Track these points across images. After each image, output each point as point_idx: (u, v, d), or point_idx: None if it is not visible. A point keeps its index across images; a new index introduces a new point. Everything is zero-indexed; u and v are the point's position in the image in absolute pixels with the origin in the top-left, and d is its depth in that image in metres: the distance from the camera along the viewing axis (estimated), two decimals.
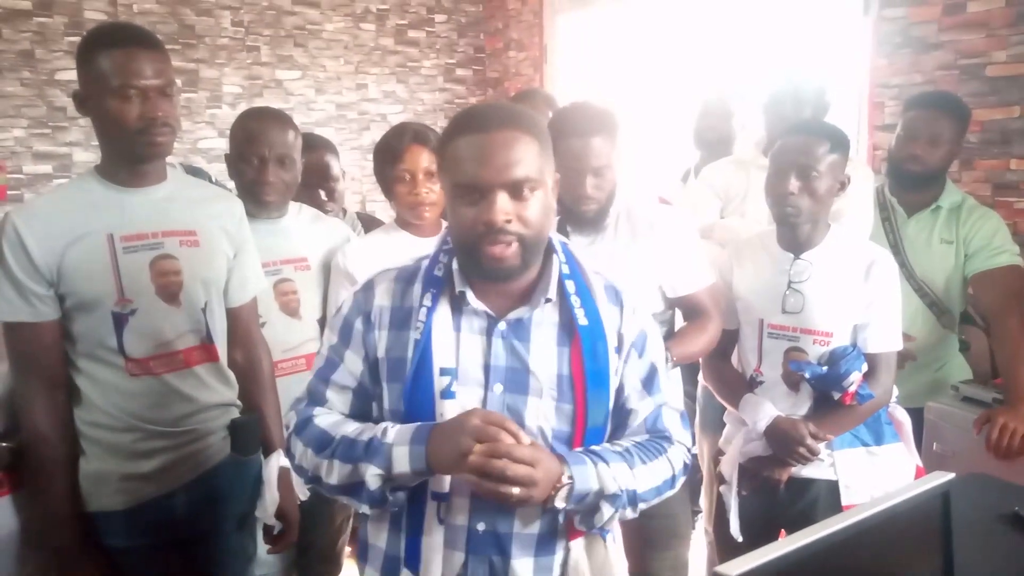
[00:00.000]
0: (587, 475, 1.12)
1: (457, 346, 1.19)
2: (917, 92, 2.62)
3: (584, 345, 1.19)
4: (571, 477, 1.11)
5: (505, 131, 1.13)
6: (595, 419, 1.20)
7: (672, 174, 3.20)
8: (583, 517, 1.16)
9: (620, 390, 1.25)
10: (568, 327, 1.20)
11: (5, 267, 1.44)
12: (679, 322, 1.97)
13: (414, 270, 1.25)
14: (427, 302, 1.19)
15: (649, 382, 1.27)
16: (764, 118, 2.37)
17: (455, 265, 1.20)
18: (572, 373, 1.19)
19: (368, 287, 1.26)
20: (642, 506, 1.19)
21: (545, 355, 1.19)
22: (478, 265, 1.15)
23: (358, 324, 1.23)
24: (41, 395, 1.50)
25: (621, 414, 1.26)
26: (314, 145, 2.32)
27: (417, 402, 1.17)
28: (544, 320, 1.21)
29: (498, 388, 1.18)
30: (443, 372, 1.18)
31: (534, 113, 1.29)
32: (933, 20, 2.78)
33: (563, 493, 1.11)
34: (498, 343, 1.19)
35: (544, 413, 1.18)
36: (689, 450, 1.28)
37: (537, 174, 1.14)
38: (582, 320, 1.19)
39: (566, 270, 1.21)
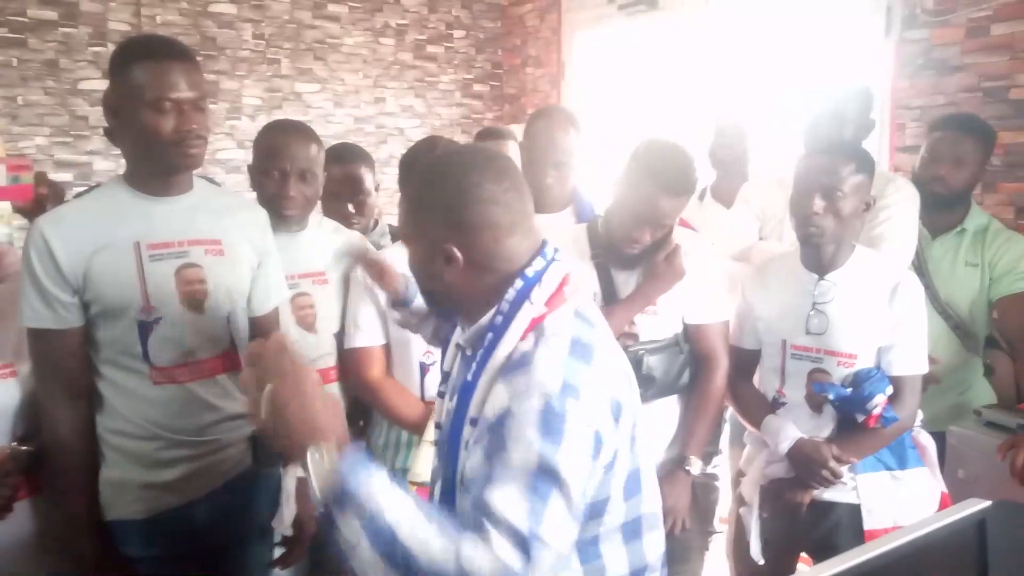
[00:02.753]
0: (358, 472, 0.94)
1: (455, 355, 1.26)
2: (939, 114, 2.61)
3: (457, 399, 1.13)
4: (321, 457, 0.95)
5: None
6: (447, 473, 1.12)
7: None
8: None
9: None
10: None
11: (32, 274, 1.45)
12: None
13: None
14: None
15: (487, 466, 0.99)
16: (804, 139, 2.35)
17: None
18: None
19: None
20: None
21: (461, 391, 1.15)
22: None
23: None
24: (64, 402, 1.50)
25: None
26: (349, 157, 2.29)
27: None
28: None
29: (451, 404, 1.19)
30: (444, 375, 1.27)
31: None
32: (956, 42, 2.78)
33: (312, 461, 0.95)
34: (460, 357, 1.24)
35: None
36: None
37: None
38: (468, 376, 1.12)
39: (498, 320, 1.11)
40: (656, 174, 1.69)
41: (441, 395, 1.27)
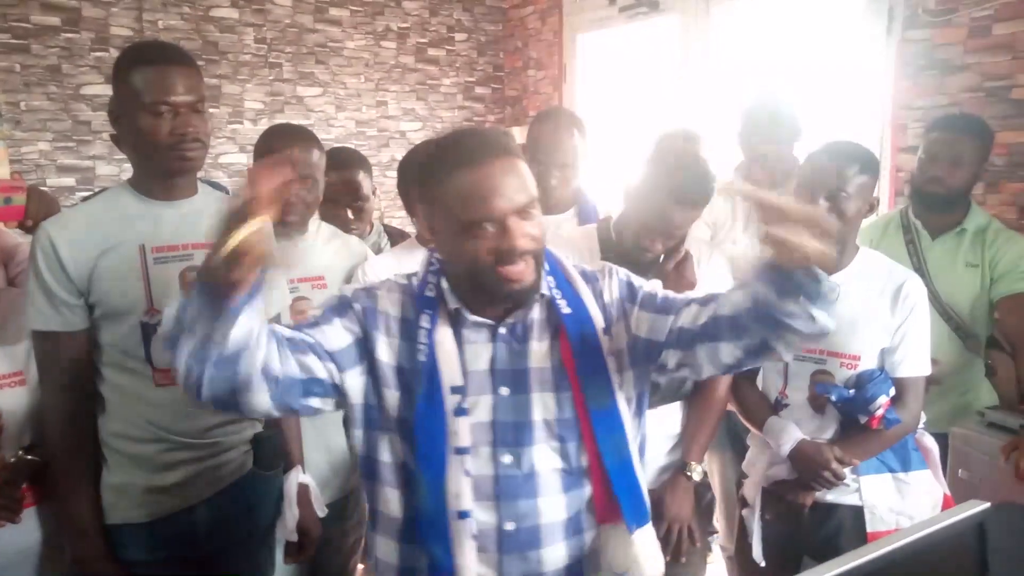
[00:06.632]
0: None
1: (463, 362, 1.20)
2: (941, 114, 2.61)
3: (570, 332, 1.22)
4: None
5: (501, 159, 1.14)
6: (598, 402, 1.20)
7: None
8: None
9: (650, 342, 1.23)
10: (555, 319, 1.24)
11: (38, 276, 1.46)
12: None
13: (409, 288, 1.26)
14: (425, 323, 1.20)
15: (663, 303, 1.25)
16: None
17: (444, 284, 1.22)
18: (563, 361, 1.22)
19: (372, 291, 1.25)
20: None
21: (541, 350, 1.23)
22: (496, 290, 1.16)
23: (358, 307, 1.22)
24: (68, 404, 1.50)
25: (675, 338, 1.21)
26: (347, 163, 2.29)
27: (429, 422, 1.17)
28: (535, 318, 1.24)
29: (504, 391, 1.21)
30: (454, 391, 1.18)
31: (507, 132, 1.29)
32: (958, 42, 2.77)
33: None
34: (501, 347, 1.22)
35: (547, 405, 1.21)
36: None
37: (535, 191, 1.18)
38: (565, 309, 1.22)
39: (547, 267, 1.24)
40: (671, 184, 1.63)
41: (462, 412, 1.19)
